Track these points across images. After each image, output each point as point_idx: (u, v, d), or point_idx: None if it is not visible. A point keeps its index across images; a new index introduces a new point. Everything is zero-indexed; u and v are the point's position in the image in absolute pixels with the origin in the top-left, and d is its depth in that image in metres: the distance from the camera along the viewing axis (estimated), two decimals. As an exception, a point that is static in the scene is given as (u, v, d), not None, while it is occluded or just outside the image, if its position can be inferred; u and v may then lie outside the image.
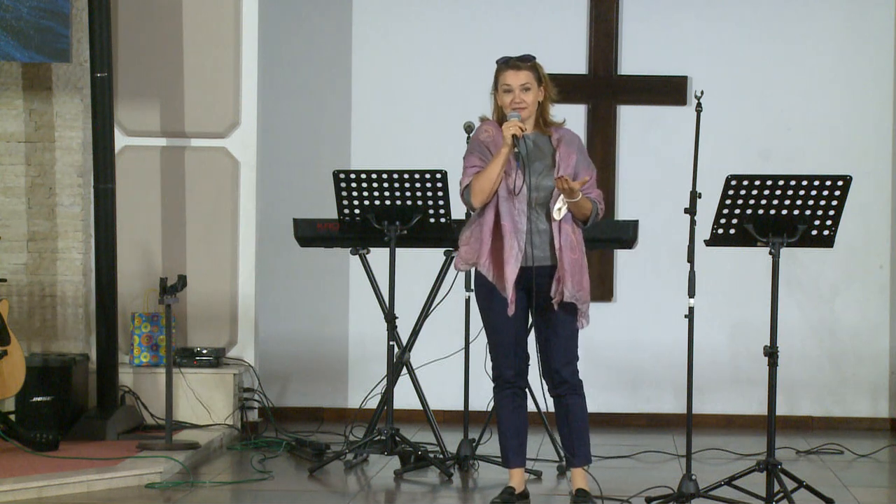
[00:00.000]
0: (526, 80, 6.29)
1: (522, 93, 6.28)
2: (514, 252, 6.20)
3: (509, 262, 6.20)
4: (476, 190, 6.25)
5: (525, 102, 6.28)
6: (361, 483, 7.17)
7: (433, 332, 7.98)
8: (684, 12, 9.07)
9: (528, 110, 6.30)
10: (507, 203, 6.24)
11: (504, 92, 6.31)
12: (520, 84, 6.29)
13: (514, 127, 6.18)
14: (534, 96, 6.31)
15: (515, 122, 6.19)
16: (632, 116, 9.10)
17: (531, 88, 6.30)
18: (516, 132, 6.17)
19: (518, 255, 6.21)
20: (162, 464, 7.02)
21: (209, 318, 8.47)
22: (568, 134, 6.38)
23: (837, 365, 9.06)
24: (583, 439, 6.39)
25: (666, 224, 8.69)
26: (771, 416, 6.41)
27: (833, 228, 6.42)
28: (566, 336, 6.32)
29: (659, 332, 8.91)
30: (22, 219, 8.35)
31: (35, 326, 8.34)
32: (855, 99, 9.04)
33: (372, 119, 9.13)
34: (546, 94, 6.35)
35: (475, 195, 6.26)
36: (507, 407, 6.42)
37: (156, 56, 8.45)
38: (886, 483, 7.62)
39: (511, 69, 6.31)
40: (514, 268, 6.20)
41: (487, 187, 6.23)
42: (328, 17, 9.14)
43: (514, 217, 6.23)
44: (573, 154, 6.31)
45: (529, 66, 6.32)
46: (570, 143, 6.34)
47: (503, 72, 6.33)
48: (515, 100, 6.28)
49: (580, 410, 6.37)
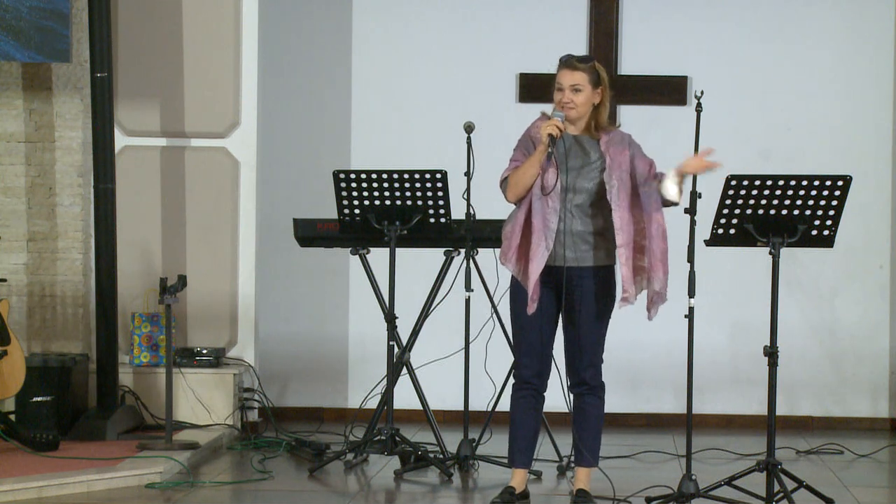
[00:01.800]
0: (579, 81, 6.25)
1: (572, 93, 6.25)
2: (541, 250, 6.19)
3: (534, 259, 6.19)
4: (511, 184, 6.28)
5: (573, 103, 6.25)
6: (361, 483, 7.17)
7: (433, 332, 7.98)
8: (684, 12, 9.07)
9: (577, 111, 6.26)
10: (540, 201, 6.22)
11: (557, 90, 6.29)
12: (571, 84, 6.25)
13: (551, 126, 6.15)
14: (585, 98, 6.27)
15: (554, 122, 6.17)
16: (632, 116, 9.08)
17: (583, 90, 6.25)
18: (552, 131, 6.15)
19: (545, 254, 6.19)
20: (162, 464, 7.02)
21: (209, 318, 8.47)
22: (617, 135, 6.34)
23: (837, 365, 9.06)
24: (593, 441, 6.41)
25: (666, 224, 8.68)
26: (771, 416, 6.41)
27: (833, 228, 6.42)
28: (592, 339, 6.33)
29: (659, 332, 8.88)
30: (22, 219, 8.35)
31: (35, 326, 8.34)
32: (855, 99, 9.04)
33: (372, 119, 9.13)
34: (603, 98, 6.32)
35: (509, 189, 6.30)
36: (521, 407, 6.41)
37: (156, 56, 8.45)
38: (886, 483, 7.62)
39: (567, 68, 6.29)
40: (539, 265, 6.18)
41: (521, 183, 6.24)
42: (328, 17, 9.14)
43: (546, 215, 6.21)
44: (625, 151, 6.28)
45: (586, 67, 6.28)
46: (619, 142, 6.30)
47: (560, 70, 6.31)
48: (564, 99, 6.26)
49: (595, 412, 6.39)
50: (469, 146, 7.37)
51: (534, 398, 6.41)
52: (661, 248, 6.31)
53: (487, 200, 7.84)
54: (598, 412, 6.40)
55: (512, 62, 9.07)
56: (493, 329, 7.59)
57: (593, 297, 6.29)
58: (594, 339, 6.33)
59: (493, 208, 7.89)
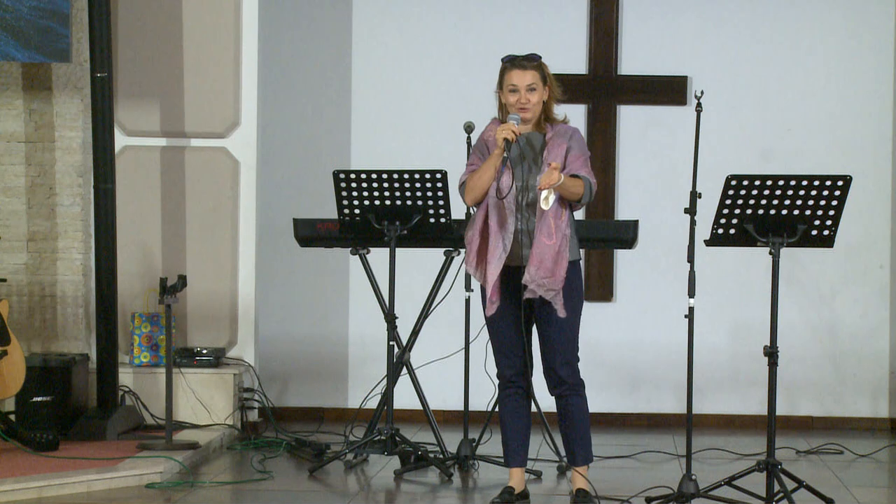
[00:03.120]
0: (532, 81, 6.28)
1: (528, 93, 6.27)
2: (498, 252, 6.22)
3: (492, 261, 6.23)
4: (468, 188, 6.32)
5: (530, 102, 6.27)
6: (361, 483, 7.17)
7: (433, 332, 7.98)
8: (684, 12, 9.07)
9: (533, 111, 6.29)
10: (497, 204, 6.25)
11: (510, 92, 6.30)
12: (526, 84, 6.27)
13: (506, 131, 6.17)
14: (539, 96, 6.30)
15: (509, 126, 6.18)
16: (632, 116, 9.10)
17: (536, 88, 6.29)
18: (508, 136, 6.16)
19: (502, 255, 6.22)
20: (162, 464, 7.02)
21: (209, 318, 8.47)
22: (561, 128, 6.35)
23: (837, 365, 9.05)
24: (583, 439, 6.40)
25: (666, 224, 8.70)
26: (771, 416, 6.41)
27: (833, 228, 6.42)
28: (564, 335, 6.31)
29: (659, 332, 8.91)
30: (22, 219, 8.35)
31: (35, 326, 8.34)
32: (855, 99, 9.04)
33: (372, 119, 9.13)
34: (550, 93, 6.35)
35: (467, 193, 6.33)
36: (508, 407, 6.45)
37: (156, 56, 8.45)
38: (886, 483, 7.62)
39: (517, 69, 6.29)
40: (496, 267, 6.21)
41: (478, 187, 6.27)
42: (328, 17, 9.14)
43: (502, 217, 6.24)
44: (563, 144, 6.28)
45: (535, 65, 6.30)
46: (561, 135, 6.31)
47: (509, 71, 6.31)
48: (521, 100, 6.27)
49: (579, 411, 6.37)
50: (469, 146, 7.37)
51: (519, 396, 6.42)
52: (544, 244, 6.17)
53: (487, 200, 7.85)
54: (583, 411, 6.38)
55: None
56: (493, 329, 7.59)
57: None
58: (567, 335, 6.32)
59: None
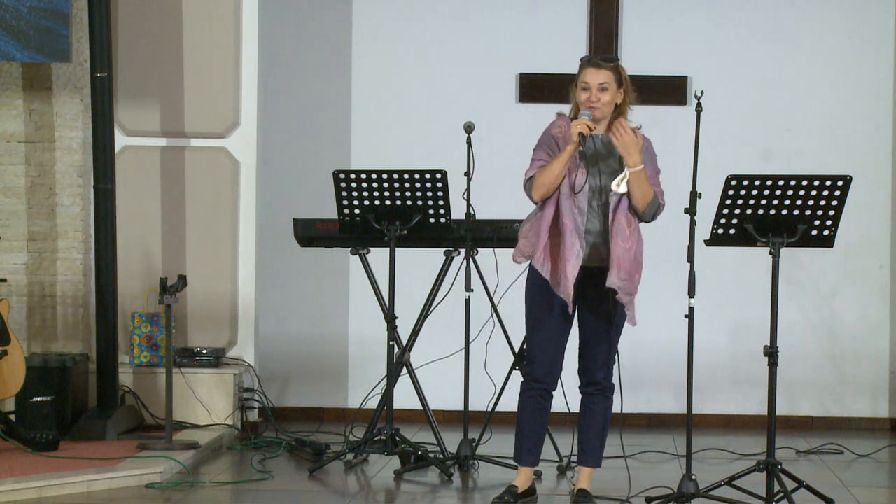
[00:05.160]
0: (605, 80, 6.24)
1: (599, 92, 6.23)
2: (576, 250, 6.17)
3: (570, 259, 6.17)
4: (538, 184, 6.23)
5: (600, 101, 6.23)
6: (361, 483, 7.17)
7: (433, 332, 7.98)
8: (684, 12, 9.07)
9: (603, 110, 6.25)
10: (568, 201, 6.20)
11: (582, 89, 6.26)
12: (598, 83, 6.23)
13: (582, 125, 6.14)
14: (611, 97, 6.26)
15: (584, 121, 6.15)
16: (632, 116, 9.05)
17: (609, 89, 6.25)
18: (583, 130, 6.13)
19: (580, 254, 6.17)
20: (162, 464, 7.02)
21: (209, 318, 8.47)
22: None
23: (837, 365, 9.05)
24: (598, 441, 6.43)
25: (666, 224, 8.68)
26: (771, 416, 6.41)
27: (833, 228, 6.42)
28: (609, 340, 6.33)
29: (659, 332, 8.90)
30: (22, 219, 8.35)
31: (35, 326, 8.34)
32: (855, 99, 9.04)
33: (372, 119, 9.13)
34: (625, 97, 6.31)
35: (536, 189, 6.24)
36: (530, 406, 6.41)
37: (156, 56, 8.45)
38: (886, 483, 7.62)
39: (592, 67, 6.26)
40: (575, 265, 6.17)
41: (549, 182, 6.20)
42: (328, 17, 9.14)
43: (575, 215, 6.20)
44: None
45: (611, 66, 6.27)
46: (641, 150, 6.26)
47: (584, 69, 6.27)
48: (591, 98, 6.23)
49: (604, 413, 6.41)
50: (469, 146, 7.37)
51: (543, 397, 6.40)
52: (622, 247, 6.23)
53: (487, 200, 7.86)
54: (607, 413, 6.41)
55: (512, 62, 9.07)
56: (493, 329, 7.59)
57: (613, 296, 6.27)
58: (612, 339, 6.34)
59: (492, 208, 7.91)
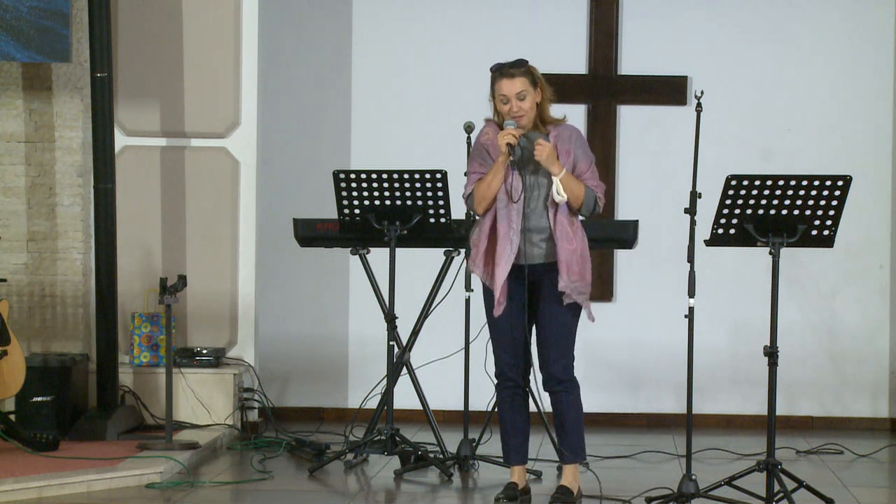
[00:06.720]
0: (521, 88, 6.29)
1: (519, 101, 6.29)
2: (507, 254, 6.25)
3: (499, 263, 6.26)
4: (478, 198, 6.34)
5: (522, 110, 6.29)
6: (361, 483, 7.17)
7: (433, 332, 7.98)
8: (684, 12, 9.07)
9: (527, 117, 6.31)
10: (505, 207, 6.27)
11: (501, 102, 6.32)
12: (515, 93, 6.29)
13: (508, 136, 6.21)
14: (531, 102, 6.31)
15: (509, 131, 6.22)
16: (632, 116, 9.10)
17: (527, 95, 6.30)
18: (511, 140, 6.21)
19: (510, 257, 6.25)
20: (162, 464, 7.02)
21: (209, 318, 8.47)
22: (566, 130, 6.37)
23: (837, 365, 9.06)
24: (573, 436, 6.40)
25: (666, 224, 8.69)
26: (771, 416, 6.41)
27: (833, 228, 6.42)
28: (559, 332, 6.33)
29: (659, 332, 8.91)
30: (22, 219, 8.35)
31: (35, 326, 8.34)
32: (855, 99, 9.04)
33: (372, 119, 9.13)
34: (543, 95, 6.36)
35: (477, 203, 6.36)
36: (505, 405, 6.47)
37: (156, 56, 8.45)
38: (886, 483, 7.62)
39: (505, 78, 6.31)
40: (504, 269, 6.24)
41: (489, 195, 6.31)
42: (328, 17, 9.14)
43: (511, 218, 6.26)
44: (570, 150, 6.32)
45: (523, 71, 6.31)
46: (566, 139, 6.34)
47: (497, 81, 6.33)
48: (513, 109, 6.29)
49: (571, 408, 6.38)
50: (469, 146, 7.36)
51: (517, 395, 6.44)
52: (567, 249, 6.27)
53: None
54: (575, 408, 6.38)
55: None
56: (493, 329, 7.59)
57: (559, 290, 6.29)
58: (562, 330, 6.33)
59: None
